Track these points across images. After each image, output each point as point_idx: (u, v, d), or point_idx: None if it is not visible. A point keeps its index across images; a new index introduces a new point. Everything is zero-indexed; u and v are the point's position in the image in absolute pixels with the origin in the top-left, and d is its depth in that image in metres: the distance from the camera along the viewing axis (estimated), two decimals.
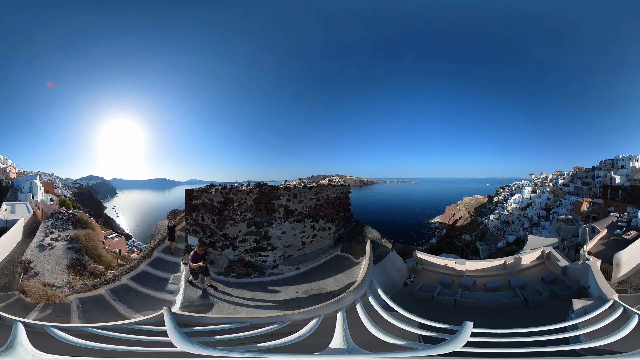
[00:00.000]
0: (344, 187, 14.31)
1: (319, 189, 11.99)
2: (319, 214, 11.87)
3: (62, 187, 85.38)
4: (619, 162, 55.12)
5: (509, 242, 50.15)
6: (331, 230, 12.56)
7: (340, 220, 13.37)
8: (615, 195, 46.66)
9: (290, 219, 10.45)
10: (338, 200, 13.31)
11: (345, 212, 14.22)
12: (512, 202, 72.47)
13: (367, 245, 11.17)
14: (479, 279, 12.02)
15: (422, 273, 13.00)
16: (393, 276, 11.54)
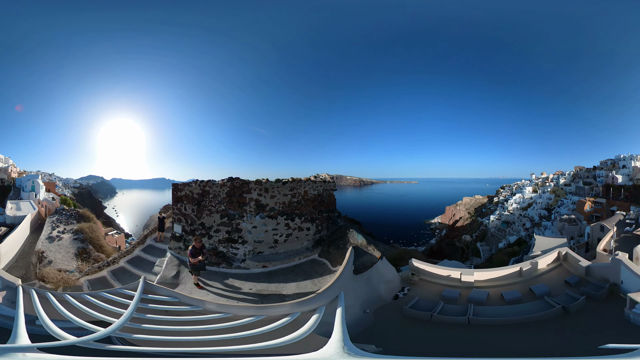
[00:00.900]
0: (327, 184, 12.58)
1: (294, 184, 11.02)
2: (295, 211, 10.98)
3: (62, 186, 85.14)
4: (620, 161, 55.21)
5: (510, 242, 49.86)
6: (310, 231, 11.38)
7: (322, 221, 11.98)
8: (618, 194, 46.80)
9: (262, 214, 10.51)
10: (319, 198, 12.00)
11: (329, 212, 12.59)
12: (513, 202, 72.19)
13: (347, 253, 9.77)
14: (491, 290, 10.48)
15: (420, 285, 11.18)
16: (379, 289, 9.97)
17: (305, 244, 11.24)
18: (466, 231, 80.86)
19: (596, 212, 41.47)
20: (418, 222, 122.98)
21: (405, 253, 19.19)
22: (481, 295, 10.00)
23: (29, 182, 36.96)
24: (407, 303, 9.42)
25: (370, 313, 8.65)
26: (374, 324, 8.38)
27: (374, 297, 9.57)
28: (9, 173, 45.77)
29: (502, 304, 9.56)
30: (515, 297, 9.76)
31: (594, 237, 20.14)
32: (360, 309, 8.61)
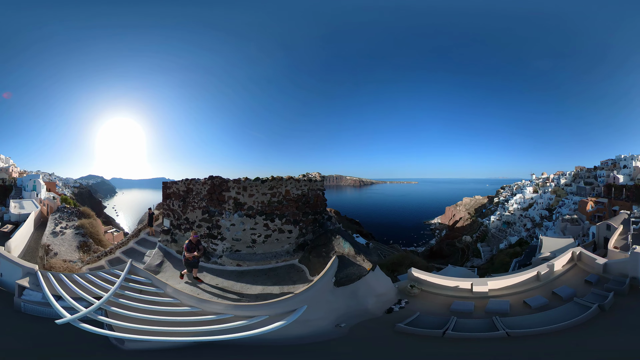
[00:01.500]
0: (313, 183, 11.39)
1: (274, 183, 10.51)
2: (275, 212, 10.41)
3: (62, 186, 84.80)
4: (621, 161, 55.20)
5: (512, 243, 49.38)
6: (292, 234, 10.56)
7: (307, 224, 10.94)
8: (620, 194, 46.72)
9: (240, 212, 10.43)
10: (304, 198, 11.00)
11: (316, 214, 11.27)
12: (514, 203, 71.81)
13: (329, 263, 8.85)
14: (510, 299, 9.63)
15: (421, 297, 9.91)
16: (366, 303, 8.83)
17: (286, 247, 10.49)
18: (466, 232, 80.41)
19: (598, 212, 41.33)
20: (418, 223, 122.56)
21: (404, 258, 16.91)
22: (502, 306, 9.01)
23: (31, 182, 38.00)
24: (402, 318, 8.19)
25: (345, 327, 7.74)
26: (340, 338, 7.31)
27: (358, 311, 8.60)
28: (9, 173, 46.61)
29: (529, 312, 8.74)
30: (541, 303, 9.09)
31: (600, 236, 20.01)
32: (332, 323, 7.86)
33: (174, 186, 12.34)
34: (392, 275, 11.90)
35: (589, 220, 38.21)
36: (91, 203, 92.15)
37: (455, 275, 12.87)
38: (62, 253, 15.38)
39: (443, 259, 59.70)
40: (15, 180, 41.78)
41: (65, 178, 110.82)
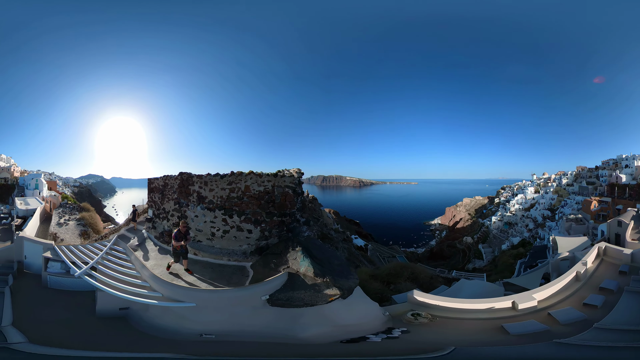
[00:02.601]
0: (279, 180, 10.21)
1: (233, 178, 10.23)
2: (234, 208, 10.11)
3: (62, 185, 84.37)
4: (622, 161, 55.32)
5: (514, 244, 48.60)
6: (252, 234, 9.90)
7: (272, 226, 9.82)
8: (623, 193, 46.94)
9: (202, 205, 10.94)
10: (267, 196, 10.05)
11: (283, 215, 9.98)
12: (515, 203, 71.05)
13: (278, 275, 8.00)
14: (564, 305, 8.71)
15: (433, 325, 7.91)
16: (304, 331, 7.51)
17: (244, 247, 9.95)
18: (467, 233, 79.58)
19: (602, 211, 41.08)
20: (418, 223, 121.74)
21: (403, 267, 13.51)
22: (573, 315, 7.89)
23: (33, 181, 40.38)
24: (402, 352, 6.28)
25: (209, 338, 7.26)
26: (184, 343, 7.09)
27: (282, 334, 7.44)
28: (11, 172, 48.26)
29: (606, 314, 7.71)
30: (602, 302, 8.54)
31: (611, 232, 20.28)
32: (208, 331, 7.43)
33: (156, 181, 14.20)
34: (386, 289, 10.45)
35: (593, 219, 38.26)
36: (91, 202, 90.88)
37: (473, 290, 10.57)
38: (67, 240, 19.05)
39: (444, 260, 58.88)
40: (17, 179, 43.98)
41: (65, 177, 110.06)
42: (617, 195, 46.66)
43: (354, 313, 7.94)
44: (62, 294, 9.60)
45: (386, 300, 9.83)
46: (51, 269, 10.32)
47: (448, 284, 11.67)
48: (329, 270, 8.43)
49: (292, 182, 10.33)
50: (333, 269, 8.54)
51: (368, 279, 10.92)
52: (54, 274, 10.24)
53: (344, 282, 8.12)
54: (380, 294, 9.96)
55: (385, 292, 10.19)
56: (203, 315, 7.78)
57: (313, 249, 9.06)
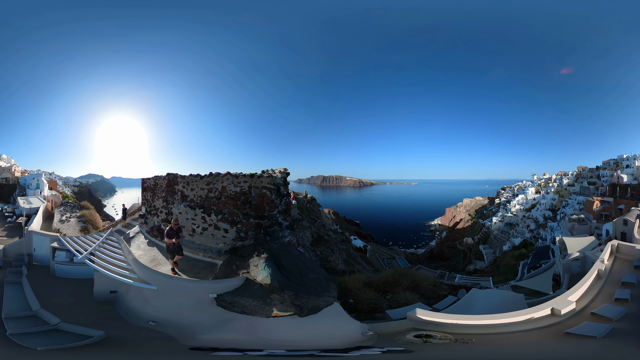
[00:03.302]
0: (256, 180, 9.85)
1: (211, 178, 10.73)
2: (212, 207, 10.48)
3: (62, 185, 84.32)
4: (623, 161, 55.52)
5: (515, 245, 48.15)
6: (228, 233, 9.87)
7: (248, 227, 9.55)
8: (624, 193, 47.07)
9: (185, 203, 11.60)
10: (243, 197, 9.85)
11: (260, 218, 9.62)
12: (516, 204, 70.65)
13: (224, 280, 8.05)
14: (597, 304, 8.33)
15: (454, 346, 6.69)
16: (231, 329, 7.31)
17: (220, 246, 10.13)
18: (467, 233, 79.11)
19: (604, 211, 40.91)
20: (418, 224, 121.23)
21: (402, 274, 12.01)
22: (616, 310, 7.53)
23: (34, 181, 41.39)
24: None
25: (153, 326, 7.69)
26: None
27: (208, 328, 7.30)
28: (12, 172, 49.70)
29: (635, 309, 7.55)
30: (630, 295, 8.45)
31: (617, 231, 20.53)
32: (155, 317, 7.94)
33: (148, 181, 15.49)
34: (381, 299, 9.39)
35: (595, 219, 38.17)
36: (91, 202, 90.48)
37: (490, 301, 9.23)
38: (69, 235, 19.77)
39: (444, 261, 58.40)
40: (18, 179, 44.91)
41: (65, 177, 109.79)
42: (618, 195, 46.55)
43: (308, 330, 7.01)
44: (67, 282, 10.92)
45: (380, 311, 8.83)
46: (58, 257, 11.71)
47: (454, 291, 10.56)
48: (296, 283, 7.72)
49: (271, 183, 9.85)
50: (304, 283, 7.81)
51: (361, 287, 9.80)
52: (60, 263, 11.58)
53: (311, 299, 7.27)
54: (374, 305, 9.01)
55: (380, 303, 9.19)
56: (159, 301, 8.31)
57: (284, 258, 8.35)
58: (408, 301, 9.13)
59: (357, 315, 8.12)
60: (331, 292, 7.87)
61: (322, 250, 22.59)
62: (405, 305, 8.75)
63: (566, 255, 13.90)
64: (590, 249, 14.80)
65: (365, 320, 7.69)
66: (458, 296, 9.91)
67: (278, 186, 9.98)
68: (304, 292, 7.51)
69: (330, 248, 23.88)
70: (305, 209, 29.92)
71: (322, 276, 8.38)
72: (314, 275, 8.16)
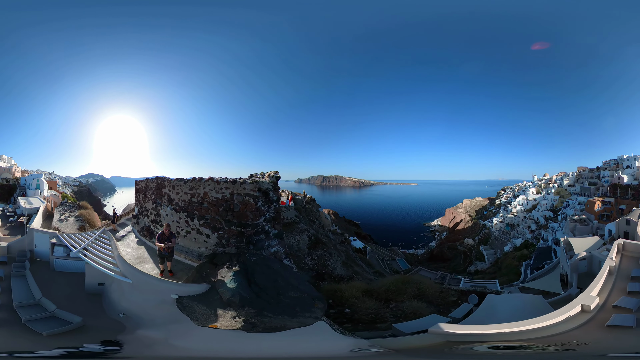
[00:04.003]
0: (239, 187, 9.37)
1: (193, 183, 10.78)
2: (195, 212, 10.61)
3: (62, 184, 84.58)
4: (623, 162, 55.71)
5: (517, 245, 47.93)
6: (209, 239, 9.83)
7: (230, 235, 9.23)
8: (625, 193, 47.23)
9: (170, 206, 12.03)
10: (225, 204, 9.55)
11: (243, 226, 9.16)
12: (517, 204, 70.45)
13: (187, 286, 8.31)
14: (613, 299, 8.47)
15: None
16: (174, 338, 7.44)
17: (201, 250, 10.24)
18: (467, 234, 78.85)
19: (606, 211, 40.86)
20: (418, 225, 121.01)
21: (405, 282, 10.92)
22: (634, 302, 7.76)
23: (34, 181, 42.04)
24: None
25: (122, 318, 8.35)
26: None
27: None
28: (12, 173, 49.99)
29: None
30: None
31: (620, 230, 20.82)
32: (126, 310, 8.60)
33: (140, 183, 16.30)
34: (383, 308, 8.70)
35: (597, 219, 38.15)
36: (91, 201, 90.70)
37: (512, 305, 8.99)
38: (67, 233, 21.12)
39: (444, 262, 58.14)
40: (19, 179, 45.42)
41: (64, 177, 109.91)
42: (619, 196, 46.70)
43: (255, 346, 6.50)
44: (64, 275, 11.95)
45: (382, 321, 8.13)
46: (56, 252, 12.62)
47: (463, 297, 9.84)
48: (266, 301, 7.23)
49: (255, 189, 9.25)
50: (279, 301, 7.28)
51: (360, 296, 9.17)
52: (58, 257, 12.48)
53: (278, 319, 6.73)
54: (374, 315, 8.35)
55: (382, 313, 8.47)
56: (132, 295, 8.92)
57: (259, 273, 7.83)
58: (416, 311, 8.42)
59: (354, 326, 7.63)
60: (314, 312, 7.23)
61: (319, 254, 21.88)
62: (413, 315, 8.21)
63: (572, 255, 13.93)
64: (596, 249, 15.05)
65: (363, 332, 7.18)
66: (469, 301, 9.27)
67: (266, 192, 9.38)
68: (272, 311, 7.03)
69: (328, 252, 23.22)
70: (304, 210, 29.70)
71: (307, 294, 7.66)
72: (296, 294, 7.51)
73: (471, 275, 36.18)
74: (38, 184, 41.26)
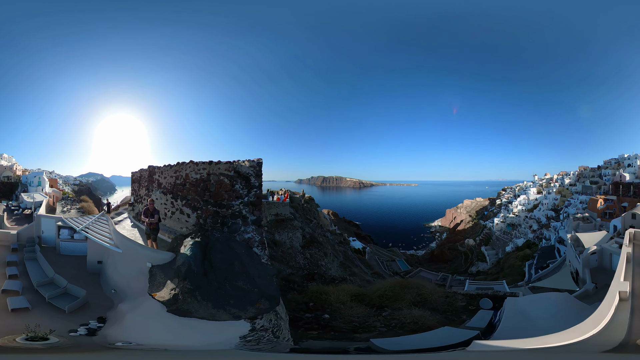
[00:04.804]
0: (214, 167, 9.50)
1: (177, 167, 11.72)
2: (178, 193, 11.52)
3: (62, 183, 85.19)
4: (624, 160, 56.17)
5: (518, 245, 47.41)
6: (190, 218, 10.46)
7: (207, 214, 9.24)
8: (627, 191, 48.22)
9: (160, 190, 12.91)
10: (202, 183, 9.82)
11: (219, 206, 9.11)
12: (518, 204, 70.02)
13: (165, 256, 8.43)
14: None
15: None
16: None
17: (183, 230, 10.82)
18: (468, 235, 78.29)
19: (608, 209, 40.68)
20: (418, 225, 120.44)
21: (403, 286, 9.78)
22: None
23: (36, 179, 43.92)
24: None
25: (113, 294, 8.85)
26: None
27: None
28: (14, 171, 51.18)
29: None
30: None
31: (626, 225, 20.88)
32: (116, 285, 9.11)
33: (136, 173, 17.54)
34: (375, 316, 7.73)
35: (600, 217, 38.31)
36: (94, 202, 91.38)
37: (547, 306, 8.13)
38: None
39: (445, 263, 57.52)
40: (20, 177, 46.93)
41: (65, 176, 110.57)
42: (621, 193, 47.17)
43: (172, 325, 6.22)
44: (70, 258, 12.81)
45: (368, 330, 7.01)
46: (62, 235, 13.48)
47: (472, 302, 8.61)
48: (210, 282, 6.69)
49: (229, 169, 9.15)
50: (221, 286, 6.66)
51: (348, 301, 8.31)
52: (64, 240, 13.34)
53: (203, 305, 6.27)
54: (359, 324, 7.31)
55: (371, 321, 7.46)
56: (122, 267, 9.36)
57: (218, 251, 7.29)
58: (417, 320, 7.31)
59: (321, 334, 6.75)
60: (254, 310, 6.50)
61: (312, 253, 21.05)
62: (412, 325, 7.01)
63: (582, 251, 13.51)
64: (606, 242, 14.90)
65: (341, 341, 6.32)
66: (481, 306, 7.90)
67: (246, 176, 9.22)
68: (207, 294, 6.50)
69: (323, 251, 22.46)
70: (301, 208, 29.18)
71: (258, 289, 6.79)
72: (245, 285, 6.79)
73: (473, 276, 35.60)
74: (40, 181, 43.52)
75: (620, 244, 12.94)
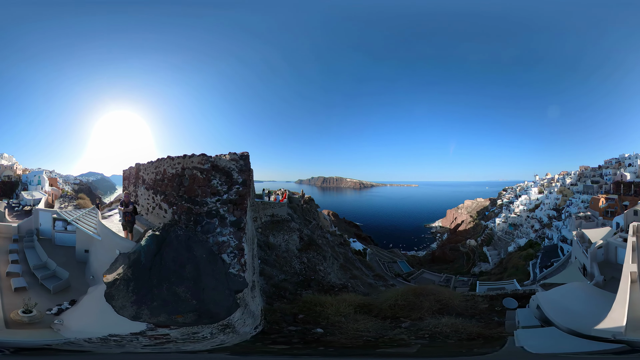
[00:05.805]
0: (188, 161, 9.01)
1: (157, 163, 11.94)
2: (158, 188, 11.68)
3: (62, 183, 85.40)
4: (625, 160, 56.76)
5: (521, 245, 47.32)
6: (167, 213, 10.05)
7: (182, 210, 8.42)
8: (628, 190, 48.50)
9: (144, 186, 13.25)
10: (178, 178, 9.21)
11: (192, 202, 8.39)
12: (519, 204, 70.05)
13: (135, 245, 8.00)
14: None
15: None
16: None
17: (161, 225, 9.97)
18: (469, 235, 78.09)
19: (610, 208, 40.91)
20: (418, 226, 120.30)
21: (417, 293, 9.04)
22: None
23: (36, 177, 45.28)
24: None
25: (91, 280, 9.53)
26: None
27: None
28: (14, 170, 52.30)
29: None
30: None
31: (628, 221, 21.07)
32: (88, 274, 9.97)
33: (126, 172, 18.20)
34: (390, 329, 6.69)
35: (602, 215, 38.53)
36: (91, 200, 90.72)
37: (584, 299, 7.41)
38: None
39: (446, 264, 57.30)
40: (20, 176, 48.07)
41: (65, 175, 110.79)
42: (622, 193, 47.58)
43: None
44: (63, 248, 13.95)
45: (391, 345, 6.22)
46: (57, 226, 14.64)
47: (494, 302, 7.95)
48: (146, 280, 6.14)
49: (202, 162, 8.29)
50: (161, 287, 6.04)
51: (351, 312, 7.39)
52: (58, 231, 14.47)
53: (130, 305, 5.84)
54: (374, 338, 6.42)
55: (392, 334, 6.57)
56: (101, 254, 9.99)
57: (171, 250, 6.54)
58: (457, 329, 6.28)
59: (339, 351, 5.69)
60: (168, 320, 5.85)
61: (310, 257, 19.46)
62: (456, 335, 5.95)
63: (588, 246, 13.64)
64: (612, 236, 15.23)
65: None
66: (505, 305, 6.99)
67: (228, 171, 8.30)
68: (139, 288, 5.97)
69: (322, 255, 21.20)
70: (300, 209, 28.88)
71: (196, 303, 5.86)
72: (184, 294, 5.91)
73: (476, 276, 35.46)
74: (40, 180, 44.46)
75: (624, 238, 13.59)
